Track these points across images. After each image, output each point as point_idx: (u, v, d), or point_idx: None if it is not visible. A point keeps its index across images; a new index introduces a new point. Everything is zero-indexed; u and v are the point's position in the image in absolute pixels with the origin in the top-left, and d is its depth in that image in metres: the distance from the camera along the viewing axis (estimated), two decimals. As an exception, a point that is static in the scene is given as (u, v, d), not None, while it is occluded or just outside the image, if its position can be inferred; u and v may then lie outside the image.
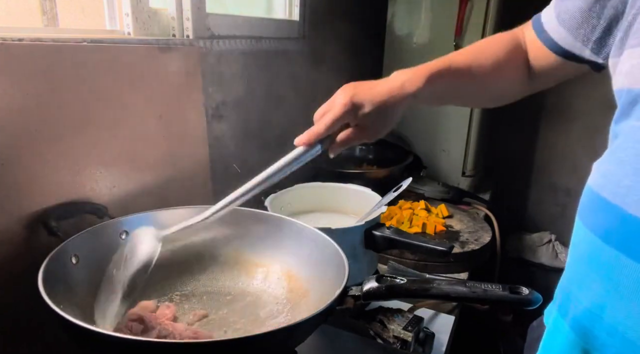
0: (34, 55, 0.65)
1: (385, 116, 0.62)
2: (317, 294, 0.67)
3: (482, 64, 0.66)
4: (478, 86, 0.68)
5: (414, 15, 1.60)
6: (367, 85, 0.62)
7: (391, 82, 0.62)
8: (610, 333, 0.44)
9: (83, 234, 0.65)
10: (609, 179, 0.45)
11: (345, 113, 0.60)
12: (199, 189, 1.01)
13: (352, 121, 0.62)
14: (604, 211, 0.45)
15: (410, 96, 0.61)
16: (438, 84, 0.63)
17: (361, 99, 0.60)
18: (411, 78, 0.61)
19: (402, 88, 0.61)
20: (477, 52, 0.68)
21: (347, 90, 0.62)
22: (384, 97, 0.61)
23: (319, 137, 0.62)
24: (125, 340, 0.48)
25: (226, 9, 1.15)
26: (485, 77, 0.66)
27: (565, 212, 2.10)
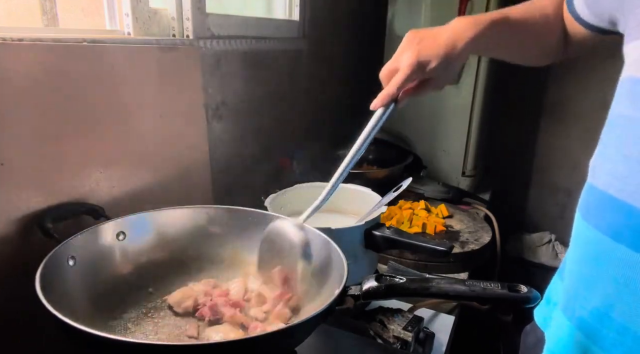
0: (34, 55, 0.65)
1: (450, 65, 0.63)
2: (316, 294, 0.67)
3: (535, 17, 0.67)
4: (529, 39, 0.69)
5: (414, 15, 1.60)
6: (430, 35, 0.63)
7: (452, 29, 0.63)
8: (621, 331, 0.43)
9: (79, 235, 0.65)
10: (616, 177, 0.45)
11: (413, 72, 0.62)
12: (199, 189, 1.01)
13: (421, 77, 0.64)
14: (613, 209, 0.45)
15: (471, 43, 0.62)
16: (496, 33, 0.64)
17: (427, 54, 0.61)
18: (471, 25, 0.62)
19: (464, 34, 0.62)
20: (531, 7, 0.69)
21: (411, 45, 0.63)
22: (448, 49, 0.61)
23: (392, 98, 0.64)
24: (123, 342, 0.48)
25: (226, 9, 1.15)
26: (537, 30, 0.68)
27: (565, 212, 2.10)
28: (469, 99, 1.59)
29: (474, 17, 0.64)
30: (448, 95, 1.61)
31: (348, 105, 1.77)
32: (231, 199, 1.03)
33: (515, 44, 0.70)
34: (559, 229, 2.04)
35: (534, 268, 1.97)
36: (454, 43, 0.61)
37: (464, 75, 1.56)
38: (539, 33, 0.68)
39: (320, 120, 1.60)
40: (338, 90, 1.72)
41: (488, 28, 0.63)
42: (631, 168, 0.43)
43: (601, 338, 0.45)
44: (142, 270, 0.73)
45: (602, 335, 0.45)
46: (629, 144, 0.44)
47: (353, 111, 1.81)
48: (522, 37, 0.68)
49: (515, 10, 0.67)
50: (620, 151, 0.45)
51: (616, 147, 0.46)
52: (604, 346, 0.45)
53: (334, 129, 1.70)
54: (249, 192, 1.19)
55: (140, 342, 0.54)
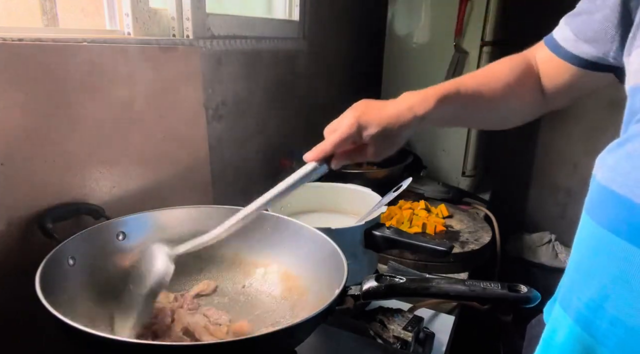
0: (34, 55, 0.65)
1: (391, 137, 0.63)
2: (316, 294, 0.67)
3: (492, 87, 0.66)
4: (488, 109, 0.69)
5: (414, 15, 1.60)
6: (376, 106, 0.63)
7: (400, 104, 0.63)
8: (613, 322, 0.44)
9: (79, 235, 0.65)
10: (618, 172, 0.46)
11: (351, 134, 0.62)
12: (199, 189, 1.01)
13: (358, 141, 0.63)
14: (613, 203, 0.45)
15: (418, 119, 0.62)
16: (447, 108, 0.63)
17: (367, 120, 0.62)
18: (420, 101, 0.62)
19: (410, 111, 0.62)
20: (488, 75, 0.68)
21: (355, 110, 0.63)
22: (391, 120, 0.62)
23: (326, 155, 0.63)
24: (123, 342, 0.48)
25: (226, 9, 1.15)
26: (496, 100, 0.67)
27: (565, 212, 2.10)
28: (469, 99, 1.58)
29: (424, 94, 0.63)
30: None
31: (348, 105, 1.77)
32: (231, 199, 1.03)
33: (475, 115, 0.69)
34: (559, 229, 2.04)
35: (534, 268, 1.97)
36: (398, 116, 0.61)
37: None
38: (500, 101, 0.67)
39: (320, 120, 1.60)
40: (338, 90, 1.72)
41: (438, 104, 0.62)
42: (634, 164, 0.44)
43: (595, 329, 0.46)
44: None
45: (596, 326, 0.46)
46: (634, 141, 0.45)
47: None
48: (480, 107, 0.67)
49: (469, 82, 0.66)
50: (624, 148, 0.46)
51: (622, 145, 0.47)
52: (597, 336, 0.46)
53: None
54: (249, 192, 1.19)
55: (140, 342, 0.54)
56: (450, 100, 0.63)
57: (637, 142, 0.45)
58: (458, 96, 0.64)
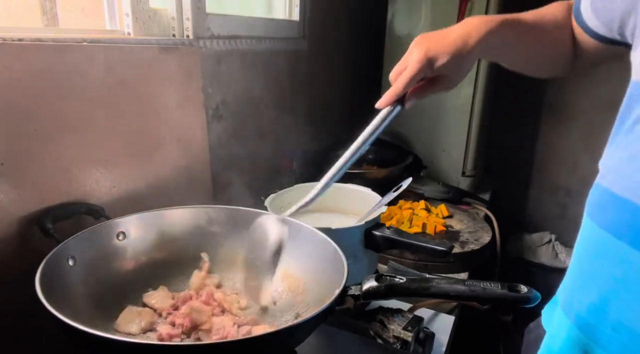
0: (34, 55, 0.65)
1: (461, 63, 0.61)
2: (316, 294, 0.67)
3: (545, 24, 0.66)
4: (539, 45, 0.68)
5: (414, 15, 1.60)
6: (439, 35, 0.62)
7: (463, 27, 0.62)
8: (616, 327, 0.44)
9: (79, 235, 0.65)
10: (620, 175, 0.46)
11: (421, 69, 0.60)
12: (199, 188, 1.01)
13: (429, 74, 0.62)
14: (615, 206, 0.45)
15: (482, 41, 0.61)
16: (507, 34, 0.63)
17: (435, 52, 0.60)
18: (483, 23, 0.61)
19: (476, 32, 0.61)
20: (541, 14, 0.68)
21: (420, 44, 0.61)
22: (458, 46, 0.60)
23: (398, 96, 0.62)
24: (123, 342, 0.48)
25: (226, 9, 1.15)
26: (547, 37, 0.67)
27: (565, 212, 2.10)
28: (469, 99, 1.58)
29: (485, 17, 0.62)
30: (448, 95, 1.61)
31: (348, 105, 1.78)
32: (231, 199, 1.03)
33: (526, 47, 0.68)
34: (559, 229, 2.04)
35: (534, 268, 1.97)
36: (465, 40, 0.60)
37: (464, 75, 1.56)
38: (549, 40, 0.67)
39: (320, 120, 1.60)
40: (338, 90, 1.72)
41: (500, 26, 0.61)
42: (636, 167, 0.43)
43: (597, 334, 0.46)
44: (142, 270, 0.73)
45: (598, 331, 0.46)
46: (636, 144, 0.45)
47: (353, 110, 1.81)
48: (533, 40, 0.67)
49: (527, 15, 0.66)
50: (627, 150, 0.46)
51: (624, 147, 0.46)
52: (600, 342, 0.46)
53: (334, 129, 1.70)
54: (249, 192, 1.19)
55: (140, 342, 0.54)
56: (511, 26, 0.63)
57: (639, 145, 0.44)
58: (517, 23, 0.64)
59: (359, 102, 1.82)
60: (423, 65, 0.59)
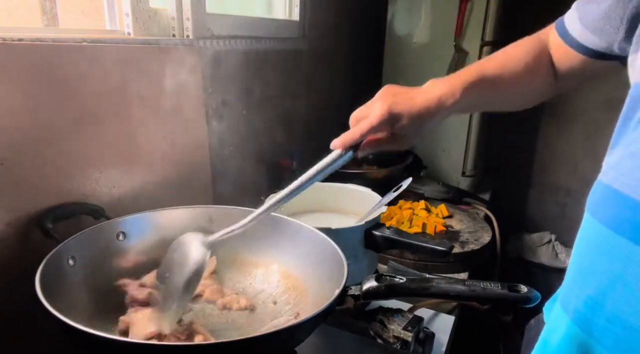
0: (34, 55, 0.65)
1: (421, 127, 0.62)
2: (316, 294, 0.67)
3: (512, 70, 0.66)
4: (510, 92, 0.69)
5: (414, 15, 1.60)
6: (405, 95, 0.62)
7: (428, 93, 0.62)
8: (611, 319, 0.44)
9: (79, 235, 0.65)
10: (621, 172, 0.46)
11: (381, 123, 0.60)
12: (199, 188, 1.01)
13: (388, 131, 0.62)
14: (616, 202, 0.46)
15: (447, 110, 0.62)
16: (473, 96, 0.63)
17: (399, 110, 0.60)
18: (448, 92, 0.62)
19: (440, 102, 0.61)
20: (506, 58, 0.68)
21: (384, 99, 0.62)
22: (422, 111, 0.61)
23: (354, 143, 0.62)
24: (123, 342, 0.48)
25: (226, 9, 1.15)
26: (516, 82, 0.67)
27: (566, 212, 2.10)
28: (469, 99, 1.58)
29: (450, 84, 0.62)
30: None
31: (348, 105, 1.77)
32: (231, 199, 1.03)
33: (496, 99, 0.69)
34: (559, 229, 2.04)
35: (534, 268, 1.97)
36: (428, 108, 0.61)
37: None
38: (519, 83, 0.67)
39: (320, 120, 1.60)
40: (338, 90, 1.72)
41: (464, 92, 0.62)
42: (636, 164, 0.44)
43: (593, 327, 0.46)
44: (142, 270, 0.73)
45: (594, 324, 0.46)
46: (637, 141, 0.45)
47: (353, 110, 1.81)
48: (502, 91, 0.67)
49: (490, 66, 0.66)
50: (628, 148, 0.46)
51: (625, 146, 0.47)
52: (595, 335, 0.46)
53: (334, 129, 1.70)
54: (249, 192, 1.19)
55: (140, 342, 0.54)
56: (475, 88, 0.63)
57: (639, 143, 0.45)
58: (482, 82, 0.64)
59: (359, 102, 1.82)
60: (384, 120, 0.60)
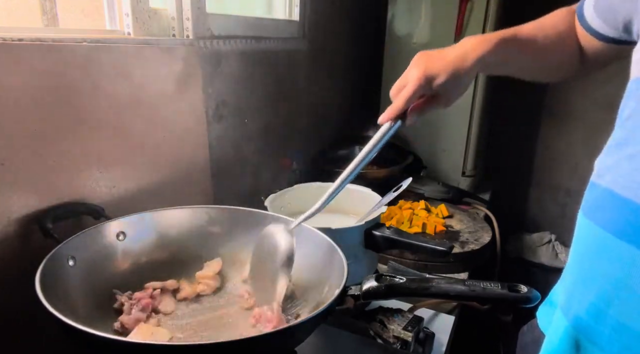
0: (34, 55, 0.65)
1: (459, 82, 0.63)
2: (316, 294, 0.67)
3: (546, 34, 0.67)
4: (541, 56, 0.69)
5: (414, 15, 1.60)
6: (438, 54, 0.63)
7: (461, 47, 0.63)
8: (616, 328, 0.44)
9: (79, 235, 0.65)
10: (620, 175, 0.45)
11: (420, 86, 0.62)
12: (199, 188, 1.01)
13: (428, 92, 0.63)
14: (615, 206, 0.45)
15: (480, 60, 0.62)
16: (505, 50, 0.64)
17: (434, 70, 0.62)
18: (480, 42, 0.63)
19: (473, 52, 0.62)
20: (542, 24, 0.69)
21: (419, 62, 0.63)
22: (456, 64, 0.62)
23: (400, 112, 0.64)
24: (123, 342, 0.48)
25: (226, 9, 1.15)
26: (549, 47, 0.68)
27: (566, 212, 2.10)
28: (469, 99, 1.58)
29: (483, 36, 0.64)
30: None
31: (348, 104, 1.78)
32: (231, 199, 1.03)
33: (527, 61, 0.70)
34: (559, 229, 2.04)
35: (534, 268, 1.97)
36: (463, 59, 0.62)
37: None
38: (551, 49, 0.68)
39: (320, 120, 1.60)
40: (338, 90, 1.72)
41: (498, 45, 0.63)
42: (636, 166, 0.43)
43: (597, 336, 0.46)
44: (142, 270, 0.73)
45: (598, 332, 0.46)
46: (634, 143, 0.45)
47: (353, 110, 1.81)
48: (534, 53, 0.68)
49: (526, 27, 0.67)
50: (625, 150, 0.46)
51: (622, 147, 0.46)
52: (599, 343, 0.45)
53: (334, 129, 1.70)
54: (249, 192, 1.19)
55: (140, 342, 0.54)
56: (509, 42, 0.64)
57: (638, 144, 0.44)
58: (515, 39, 0.65)
59: (359, 101, 1.82)
60: (422, 83, 0.61)
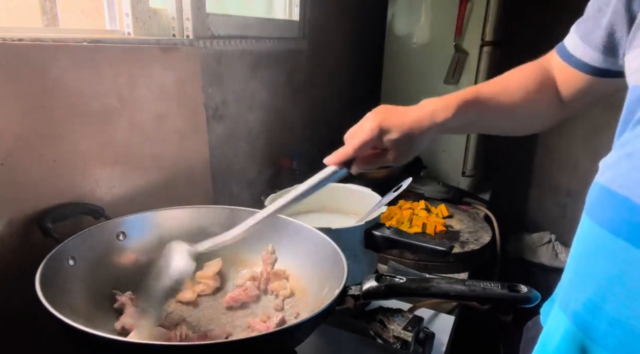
0: (34, 55, 0.65)
1: (412, 142, 0.63)
2: (316, 294, 0.67)
3: (510, 93, 0.67)
4: (507, 116, 0.69)
5: (414, 15, 1.60)
6: (397, 111, 0.63)
7: (421, 110, 0.63)
8: (611, 323, 0.44)
9: (79, 235, 0.65)
10: (618, 173, 0.46)
11: (372, 138, 0.62)
12: (199, 189, 1.01)
13: (379, 145, 0.63)
14: (613, 203, 0.45)
15: (438, 125, 0.62)
16: (467, 114, 0.64)
17: (389, 125, 0.62)
18: (440, 108, 0.63)
19: (432, 117, 0.62)
20: (506, 82, 0.68)
21: (377, 114, 0.63)
22: (413, 125, 0.62)
23: (347, 158, 0.64)
24: (123, 342, 0.48)
25: (226, 9, 1.15)
26: (514, 106, 0.67)
27: (566, 213, 2.10)
28: (469, 99, 1.58)
29: (444, 100, 0.63)
30: (448, 95, 1.61)
31: (348, 104, 1.77)
32: (231, 199, 1.03)
33: (491, 121, 0.69)
34: (559, 229, 2.04)
35: (534, 268, 1.97)
36: (419, 122, 0.62)
37: (464, 75, 1.56)
38: (518, 107, 0.67)
39: (320, 120, 1.60)
40: (338, 90, 1.72)
41: (457, 111, 0.62)
42: (634, 164, 0.44)
43: (593, 330, 0.46)
44: (142, 270, 0.73)
45: (594, 327, 0.46)
46: (635, 141, 0.45)
47: (353, 110, 1.80)
48: (498, 114, 0.68)
49: (488, 87, 0.67)
50: (624, 148, 0.46)
51: (624, 146, 0.47)
52: (595, 338, 0.46)
53: (334, 129, 1.70)
54: (249, 192, 1.19)
55: (140, 342, 0.54)
56: (469, 107, 0.64)
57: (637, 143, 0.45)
58: (477, 102, 0.65)
59: (359, 101, 1.82)
60: (375, 135, 0.61)
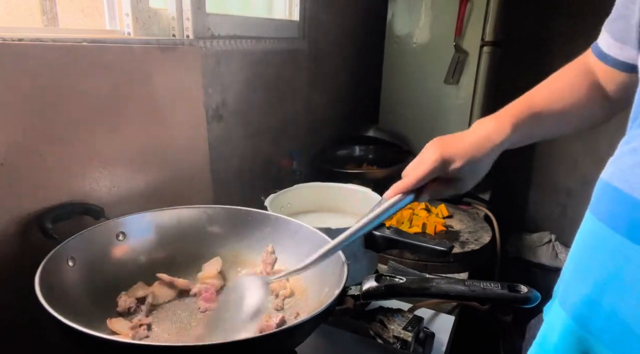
0: (34, 55, 0.65)
1: (476, 168, 0.62)
2: (316, 294, 0.67)
3: (561, 99, 0.66)
4: (560, 121, 0.68)
5: (413, 15, 1.60)
6: (454, 139, 0.63)
7: (476, 133, 0.63)
8: (608, 317, 0.45)
9: (79, 236, 0.65)
10: (620, 168, 0.46)
11: (436, 168, 0.61)
12: (199, 189, 1.01)
13: (443, 175, 0.62)
14: (614, 199, 0.46)
15: (498, 146, 0.62)
16: (524, 130, 0.63)
17: (451, 154, 0.61)
18: (497, 129, 0.62)
19: (490, 140, 0.62)
20: (555, 88, 0.67)
21: (436, 145, 0.62)
22: (473, 151, 0.61)
23: (409, 189, 0.62)
24: (122, 343, 0.48)
25: (226, 9, 1.15)
26: (568, 111, 0.66)
27: (566, 212, 2.10)
28: (468, 99, 1.58)
29: (498, 121, 0.62)
30: (448, 95, 1.61)
31: (348, 104, 1.78)
32: (231, 199, 1.03)
33: (548, 130, 0.68)
34: (559, 229, 2.04)
35: (534, 268, 1.97)
36: (480, 146, 0.61)
37: (464, 75, 1.56)
38: (571, 112, 0.66)
39: (320, 120, 1.60)
40: (338, 89, 1.72)
41: (515, 129, 0.62)
42: (635, 160, 0.44)
43: (591, 325, 0.47)
44: (142, 270, 0.73)
45: (592, 321, 0.47)
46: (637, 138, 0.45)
47: (353, 110, 1.81)
48: (554, 122, 0.67)
49: (539, 97, 0.66)
50: (629, 145, 0.46)
51: (628, 142, 0.47)
52: (593, 332, 0.46)
53: (334, 129, 1.70)
54: (249, 192, 1.19)
55: (139, 343, 0.54)
56: (526, 122, 0.63)
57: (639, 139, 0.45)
58: (531, 116, 0.64)
59: (359, 101, 1.82)
60: (438, 166, 0.60)
